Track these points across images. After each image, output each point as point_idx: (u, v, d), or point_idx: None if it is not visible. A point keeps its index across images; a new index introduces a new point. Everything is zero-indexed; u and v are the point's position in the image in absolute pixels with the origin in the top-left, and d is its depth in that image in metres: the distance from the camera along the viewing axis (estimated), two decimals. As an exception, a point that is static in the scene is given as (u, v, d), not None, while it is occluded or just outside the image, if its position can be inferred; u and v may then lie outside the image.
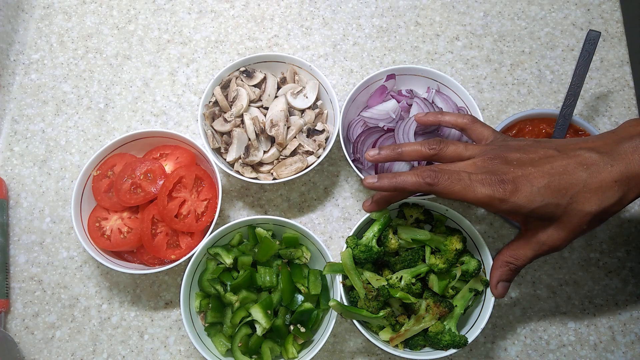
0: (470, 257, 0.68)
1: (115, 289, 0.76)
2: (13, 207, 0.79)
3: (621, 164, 0.50)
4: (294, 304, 0.67)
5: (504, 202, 0.52)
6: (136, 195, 0.70)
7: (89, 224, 0.71)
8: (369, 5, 0.91)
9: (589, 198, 0.51)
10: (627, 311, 0.75)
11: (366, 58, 0.88)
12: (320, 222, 0.79)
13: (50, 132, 0.83)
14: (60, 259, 0.77)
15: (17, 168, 0.81)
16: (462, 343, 0.63)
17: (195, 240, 0.70)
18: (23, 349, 0.73)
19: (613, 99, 0.85)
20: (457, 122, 0.62)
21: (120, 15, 0.90)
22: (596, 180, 0.51)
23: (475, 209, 0.79)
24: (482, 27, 0.90)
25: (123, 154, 0.74)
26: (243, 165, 0.75)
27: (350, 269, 0.65)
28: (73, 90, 0.85)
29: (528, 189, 0.51)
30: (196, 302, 0.68)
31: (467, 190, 0.53)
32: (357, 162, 0.76)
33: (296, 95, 0.78)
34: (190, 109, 0.85)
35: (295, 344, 0.66)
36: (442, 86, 0.79)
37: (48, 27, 0.89)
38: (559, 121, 0.76)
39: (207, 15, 0.90)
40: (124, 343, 0.73)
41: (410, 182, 0.56)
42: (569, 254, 0.77)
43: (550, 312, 0.75)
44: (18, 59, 0.87)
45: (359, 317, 0.64)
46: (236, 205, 0.80)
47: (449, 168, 0.55)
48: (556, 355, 0.73)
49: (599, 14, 0.90)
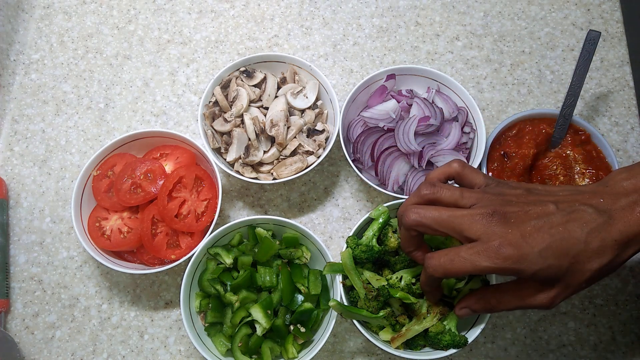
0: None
1: (115, 289, 0.76)
2: (13, 207, 0.79)
3: (620, 223, 0.50)
4: (294, 304, 0.67)
5: (505, 270, 0.51)
6: (136, 195, 0.70)
7: (89, 224, 0.71)
8: (369, 5, 0.91)
9: (590, 257, 0.51)
10: (627, 311, 0.75)
11: (366, 58, 0.88)
12: (320, 222, 0.79)
13: (50, 132, 0.83)
14: (60, 259, 0.77)
15: (17, 168, 0.81)
16: (462, 343, 0.63)
17: (195, 240, 0.70)
18: (23, 349, 0.73)
19: (613, 99, 0.85)
20: (447, 173, 0.60)
21: (120, 15, 0.90)
22: (596, 239, 0.50)
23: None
24: (482, 27, 0.90)
25: (123, 154, 0.74)
26: (243, 165, 0.75)
27: (350, 269, 0.65)
28: (73, 90, 0.85)
29: (529, 253, 0.51)
30: (196, 302, 0.68)
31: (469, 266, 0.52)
32: (357, 162, 0.76)
33: (296, 95, 0.78)
34: (190, 109, 0.85)
35: (295, 344, 0.66)
36: (442, 86, 0.79)
37: (48, 27, 0.89)
38: (559, 121, 0.76)
39: (207, 15, 0.90)
40: (124, 343, 0.73)
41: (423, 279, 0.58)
42: (569, 254, 0.77)
43: (550, 312, 0.75)
44: (18, 59, 0.87)
45: (359, 317, 0.64)
46: (236, 205, 0.80)
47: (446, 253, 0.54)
48: (556, 355, 0.73)
49: (599, 14, 0.90)
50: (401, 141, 0.74)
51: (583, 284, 0.52)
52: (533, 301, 0.54)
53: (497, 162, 0.75)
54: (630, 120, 0.84)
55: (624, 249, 0.51)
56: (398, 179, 0.74)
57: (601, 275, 0.52)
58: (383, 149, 0.75)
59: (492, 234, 0.51)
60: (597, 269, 0.51)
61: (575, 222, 0.51)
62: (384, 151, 0.75)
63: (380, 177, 0.75)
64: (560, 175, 0.75)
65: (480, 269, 0.51)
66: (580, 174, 0.75)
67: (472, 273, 0.52)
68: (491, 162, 0.75)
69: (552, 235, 0.51)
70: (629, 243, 0.50)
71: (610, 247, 0.50)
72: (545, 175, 0.75)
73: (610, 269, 0.51)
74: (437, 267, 0.53)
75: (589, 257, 0.50)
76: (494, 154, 0.76)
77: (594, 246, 0.50)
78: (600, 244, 0.50)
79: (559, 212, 0.52)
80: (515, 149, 0.76)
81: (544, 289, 0.53)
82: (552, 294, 0.53)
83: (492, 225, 0.52)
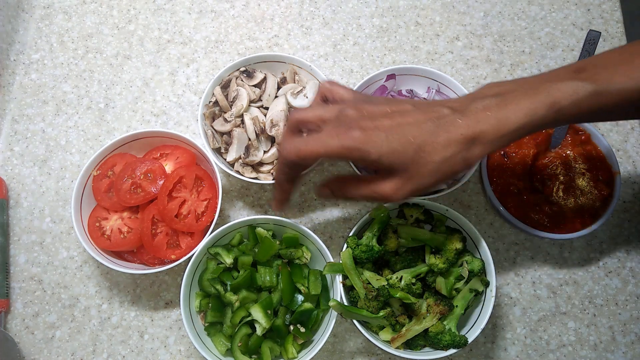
0: (472, 257, 0.68)
1: (115, 289, 0.76)
2: (13, 207, 0.79)
3: (470, 120, 0.51)
4: (294, 304, 0.67)
5: (353, 151, 0.52)
6: (136, 195, 0.70)
7: (89, 224, 0.71)
8: (369, 5, 0.91)
9: (435, 149, 0.51)
10: (627, 311, 0.75)
11: (366, 58, 0.88)
12: (320, 222, 0.79)
13: (51, 132, 0.83)
14: (60, 259, 0.77)
15: (17, 168, 0.81)
16: (462, 343, 0.63)
17: (195, 240, 0.70)
18: (23, 349, 0.73)
19: (613, 99, 0.85)
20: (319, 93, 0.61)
21: (120, 15, 0.90)
22: (443, 132, 0.51)
23: (476, 209, 0.79)
24: (482, 27, 0.90)
25: (123, 153, 0.74)
26: (243, 165, 0.75)
27: (350, 269, 0.65)
28: (73, 90, 0.85)
29: (376, 138, 0.52)
30: (196, 302, 0.68)
31: (320, 146, 0.53)
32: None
33: (296, 95, 0.78)
34: (190, 109, 0.85)
35: (295, 344, 0.66)
36: (442, 86, 0.79)
37: (48, 27, 0.89)
38: (559, 121, 0.76)
39: (207, 15, 0.90)
40: (124, 343, 0.73)
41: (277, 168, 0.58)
42: (569, 254, 0.77)
43: (550, 312, 0.75)
44: (18, 59, 0.87)
45: (359, 317, 0.64)
46: (236, 205, 0.80)
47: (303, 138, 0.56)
48: (556, 355, 0.73)
49: (599, 14, 0.90)
50: (401, 141, 0.74)
51: (426, 178, 0.52)
52: (379, 189, 0.54)
53: (497, 162, 0.76)
54: (630, 120, 0.84)
55: (470, 146, 0.51)
56: (398, 179, 0.74)
57: (445, 172, 0.52)
58: (383, 149, 0.75)
59: (345, 118, 0.53)
60: (440, 161, 0.51)
61: (428, 116, 0.52)
62: (384, 151, 0.75)
63: (380, 177, 0.75)
64: (560, 175, 0.75)
65: (331, 150, 0.52)
66: (580, 174, 0.75)
67: (324, 155, 0.53)
68: (491, 162, 0.75)
69: (400, 125, 0.52)
70: (475, 140, 0.51)
71: (455, 141, 0.51)
72: (545, 175, 0.75)
73: (454, 165, 0.52)
74: (291, 149, 0.54)
75: (434, 148, 0.51)
76: (494, 154, 0.76)
77: (440, 138, 0.51)
78: (446, 137, 0.51)
79: (415, 110, 0.53)
80: (515, 149, 0.76)
81: (391, 178, 0.54)
82: (398, 184, 0.53)
83: (346, 117, 0.54)
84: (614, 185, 0.73)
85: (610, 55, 0.53)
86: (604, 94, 0.50)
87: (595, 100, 0.50)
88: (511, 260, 0.77)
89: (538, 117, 0.50)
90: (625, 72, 0.50)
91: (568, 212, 0.73)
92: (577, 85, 0.50)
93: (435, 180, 0.52)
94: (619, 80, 0.49)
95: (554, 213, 0.73)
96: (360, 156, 0.52)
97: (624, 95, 0.50)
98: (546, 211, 0.73)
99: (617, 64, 0.51)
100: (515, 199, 0.74)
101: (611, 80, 0.50)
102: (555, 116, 0.50)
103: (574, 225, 0.72)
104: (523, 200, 0.73)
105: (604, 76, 0.50)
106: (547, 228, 0.72)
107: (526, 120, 0.50)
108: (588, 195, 0.73)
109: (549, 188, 0.74)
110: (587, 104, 0.50)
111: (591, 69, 0.51)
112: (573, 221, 0.72)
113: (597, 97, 0.50)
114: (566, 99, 0.50)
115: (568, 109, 0.50)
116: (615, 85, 0.49)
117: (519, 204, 0.73)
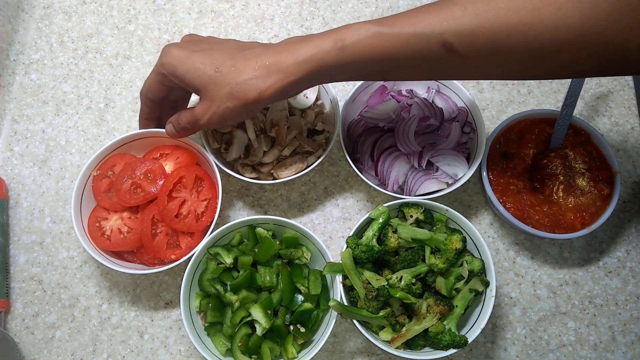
0: (472, 256, 0.68)
1: (115, 289, 0.76)
2: (13, 207, 0.79)
3: (270, 51, 0.56)
4: (294, 304, 0.67)
5: (166, 66, 0.59)
6: (136, 195, 0.70)
7: (89, 224, 0.71)
8: (369, 5, 0.91)
9: (231, 71, 0.56)
10: (627, 311, 0.75)
11: (366, 58, 0.88)
12: (320, 222, 0.79)
13: (50, 132, 0.83)
14: (60, 259, 0.77)
15: (17, 168, 0.81)
16: (462, 343, 0.63)
17: (195, 240, 0.70)
18: (23, 349, 0.73)
19: (613, 99, 0.85)
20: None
21: (120, 15, 0.90)
22: (243, 58, 0.56)
23: (476, 209, 0.79)
24: (482, 27, 0.90)
25: (123, 154, 0.74)
26: (243, 165, 0.75)
27: (350, 269, 0.65)
28: (73, 90, 0.85)
29: (185, 57, 0.58)
30: (196, 302, 0.68)
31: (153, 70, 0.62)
32: (357, 162, 0.76)
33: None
34: (190, 109, 0.85)
35: (295, 344, 0.66)
36: (442, 86, 0.79)
37: (48, 27, 0.89)
38: (559, 121, 0.76)
39: (207, 15, 0.90)
40: (124, 343, 0.73)
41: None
42: (568, 254, 0.77)
43: (550, 312, 0.75)
44: (18, 59, 0.87)
45: (359, 317, 0.64)
46: (236, 205, 0.80)
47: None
48: (556, 355, 0.73)
49: (599, 14, 0.90)
50: (401, 141, 0.74)
51: (224, 100, 0.57)
52: (194, 112, 0.60)
53: (497, 162, 0.76)
54: (630, 120, 0.84)
55: (266, 77, 0.55)
56: (398, 179, 0.74)
57: (240, 97, 0.56)
58: (383, 149, 0.75)
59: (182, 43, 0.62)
60: (235, 83, 0.56)
61: (240, 46, 0.59)
62: (384, 151, 0.75)
63: (380, 177, 0.75)
64: (560, 175, 0.75)
65: (156, 69, 0.61)
66: (580, 174, 0.75)
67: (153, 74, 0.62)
68: (491, 162, 0.75)
69: (213, 49, 0.59)
70: (269, 68, 0.55)
71: (251, 68, 0.55)
72: (545, 175, 0.75)
73: (248, 91, 0.56)
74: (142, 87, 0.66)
75: (231, 71, 0.56)
76: (494, 154, 0.76)
77: (239, 63, 0.56)
78: (244, 63, 0.56)
79: (234, 45, 0.60)
80: (515, 149, 0.76)
81: (201, 102, 0.59)
82: (204, 106, 0.59)
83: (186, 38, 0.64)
84: (614, 185, 0.73)
85: (413, 10, 0.56)
86: (384, 35, 0.53)
87: (375, 41, 0.53)
88: (511, 260, 0.77)
89: (324, 51, 0.54)
90: (408, 19, 0.53)
91: (568, 212, 0.73)
92: (363, 26, 0.54)
93: (233, 105, 0.57)
94: (400, 24, 0.53)
95: (554, 213, 0.73)
96: (171, 72, 0.59)
97: (403, 38, 0.53)
98: (546, 211, 0.73)
99: (409, 14, 0.54)
100: (515, 199, 0.74)
101: (393, 24, 0.53)
102: (339, 53, 0.54)
103: (574, 225, 0.72)
104: (523, 200, 0.73)
105: (390, 21, 0.54)
106: (547, 228, 0.72)
107: (314, 52, 0.54)
108: (588, 195, 0.73)
109: (549, 188, 0.74)
110: (369, 43, 0.53)
111: (388, 18, 0.55)
112: (573, 221, 0.72)
113: (378, 37, 0.53)
114: (350, 37, 0.54)
115: (351, 46, 0.54)
116: (395, 28, 0.53)
117: (519, 204, 0.73)
